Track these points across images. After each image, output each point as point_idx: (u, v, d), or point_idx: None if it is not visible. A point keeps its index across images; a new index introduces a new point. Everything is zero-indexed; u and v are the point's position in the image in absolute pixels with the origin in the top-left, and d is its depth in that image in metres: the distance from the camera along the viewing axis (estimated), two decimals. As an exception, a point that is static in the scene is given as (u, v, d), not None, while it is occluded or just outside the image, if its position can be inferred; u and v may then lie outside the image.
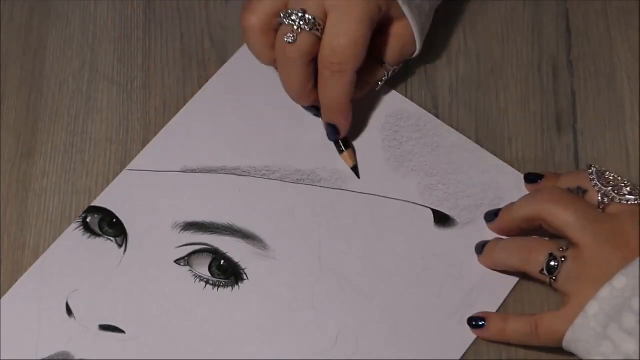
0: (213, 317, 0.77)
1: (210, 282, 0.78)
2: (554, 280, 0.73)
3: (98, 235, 0.80)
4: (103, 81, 0.86)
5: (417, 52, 0.83)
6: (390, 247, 0.80)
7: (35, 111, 0.85)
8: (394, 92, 0.85)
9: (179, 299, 0.78)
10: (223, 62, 0.87)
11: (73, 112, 0.85)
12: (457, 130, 0.84)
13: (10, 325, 0.77)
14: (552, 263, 0.73)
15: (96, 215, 0.81)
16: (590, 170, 0.76)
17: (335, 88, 0.79)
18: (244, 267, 0.79)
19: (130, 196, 0.81)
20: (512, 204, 0.78)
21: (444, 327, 0.78)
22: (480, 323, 0.77)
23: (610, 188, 0.75)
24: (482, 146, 0.84)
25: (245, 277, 0.79)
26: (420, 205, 0.81)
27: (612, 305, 0.69)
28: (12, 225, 0.81)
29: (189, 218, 0.80)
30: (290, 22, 0.77)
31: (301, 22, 0.77)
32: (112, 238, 0.80)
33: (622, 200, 0.74)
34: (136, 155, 0.83)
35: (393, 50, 0.82)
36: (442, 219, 0.81)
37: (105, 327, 0.77)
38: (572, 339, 0.72)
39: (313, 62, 0.79)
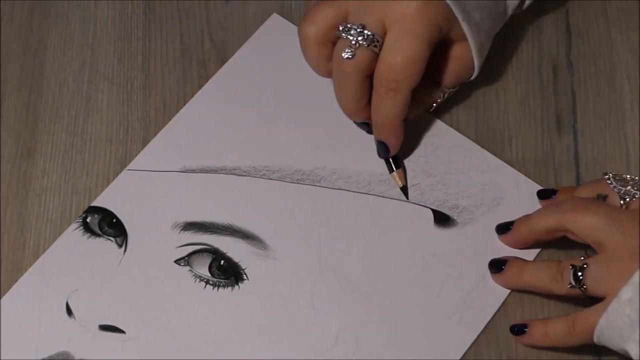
0: (213, 317, 0.77)
1: (210, 282, 0.78)
2: (585, 289, 0.73)
3: (98, 235, 0.80)
4: (103, 81, 0.86)
5: (475, 75, 0.83)
6: (390, 247, 0.80)
7: (35, 111, 0.85)
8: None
9: (179, 299, 0.78)
10: (223, 62, 0.87)
11: (73, 112, 0.85)
12: (457, 130, 0.84)
13: (10, 325, 0.77)
14: (578, 274, 0.73)
15: (96, 215, 0.81)
16: (608, 176, 0.76)
17: (389, 105, 0.78)
18: (244, 267, 0.79)
19: (130, 196, 0.81)
20: (527, 216, 0.78)
21: (444, 327, 0.77)
22: (525, 330, 0.76)
23: (629, 187, 0.75)
24: (482, 146, 0.84)
25: (245, 277, 0.79)
26: (420, 205, 0.81)
27: None
28: (12, 225, 0.81)
29: (189, 218, 0.80)
30: (349, 36, 0.77)
31: (359, 38, 0.77)
32: (112, 238, 0.80)
33: None
34: (136, 155, 0.83)
35: (451, 72, 0.82)
36: (442, 219, 0.81)
37: (105, 327, 0.77)
38: (606, 326, 0.71)
39: (369, 78, 0.79)
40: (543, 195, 0.81)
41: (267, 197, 0.81)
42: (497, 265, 0.78)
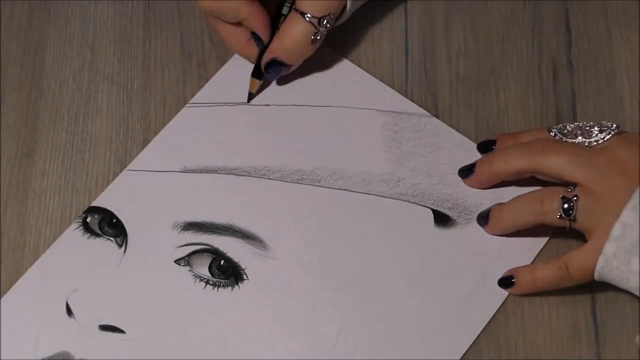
0: (213, 317, 0.77)
1: (210, 282, 0.78)
2: (573, 221, 0.74)
3: (98, 236, 0.80)
4: (103, 81, 0.86)
5: (344, 18, 0.84)
6: (390, 247, 0.80)
7: (35, 111, 0.85)
8: (393, 92, 0.86)
9: (179, 299, 0.78)
10: (223, 62, 0.87)
11: (73, 112, 0.85)
12: (457, 130, 0.84)
13: (10, 325, 0.77)
14: (566, 205, 0.74)
15: (96, 216, 0.81)
16: (553, 132, 0.78)
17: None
18: (244, 267, 0.79)
19: (130, 196, 0.81)
20: (490, 158, 0.80)
21: (444, 327, 0.77)
22: (512, 280, 0.78)
23: (579, 138, 0.76)
24: (482, 146, 0.84)
25: (245, 277, 0.79)
26: (420, 205, 0.81)
27: (629, 241, 0.72)
28: (12, 225, 0.81)
29: (189, 218, 0.80)
30: None
31: None
32: (112, 238, 0.80)
33: (599, 140, 0.76)
34: (136, 155, 0.83)
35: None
36: (442, 219, 0.81)
37: (105, 327, 0.77)
38: (603, 274, 0.74)
39: None
40: (483, 147, 0.82)
41: (267, 197, 0.81)
42: (483, 217, 0.80)
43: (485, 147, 0.82)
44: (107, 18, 0.89)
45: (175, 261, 0.79)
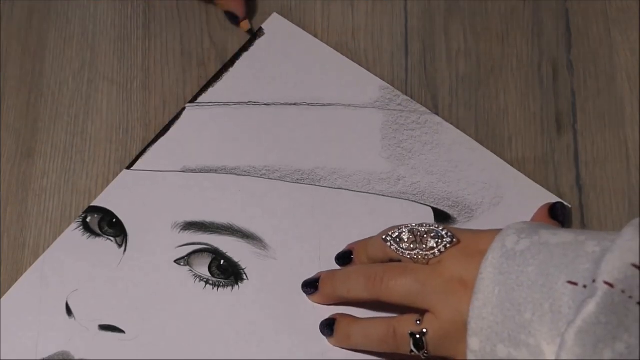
0: (213, 317, 0.77)
1: (210, 282, 0.78)
2: (426, 354, 0.72)
3: (98, 235, 0.80)
4: (103, 81, 0.86)
5: None
6: (390, 246, 0.80)
7: (35, 111, 0.85)
8: (394, 91, 0.86)
9: (179, 298, 0.78)
10: (223, 62, 0.87)
11: (73, 112, 0.85)
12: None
13: (10, 325, 0.77)
14: (415, 342, 0.72)
15: (96, 215, 0.81)
16: (388, 243, 0.75)
17: None
18: (243, 267, 0.79)
19: (130, 196, 0.81)
20: (333, 278, 0.77)
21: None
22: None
23: (417, 250, 0.73)
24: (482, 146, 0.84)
25: (245, 277, 0.79)
26: (420, 203, 0.81)
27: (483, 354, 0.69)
28: (12, 225, 0.81)
29: (188, 218, 0.80)
30: None
31: None
32: (111, 238, 0.80)
33: (434, 253, 0.73)
34: (136, 155, 0.83)
35: None
36: (442, 217, 0.81)
37: (105, 327, 0.77)
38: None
39: None
40: (341, 259, 0.79)
41: (267, 197, 0.81)
42: (327, 326, 0.77)
43: (344, 259, 0.79)
44: (107, 18, 0.89)
45: (175, 261, 0.79)
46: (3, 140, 0.84)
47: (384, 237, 0.75)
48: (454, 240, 0.73)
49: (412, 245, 0.74)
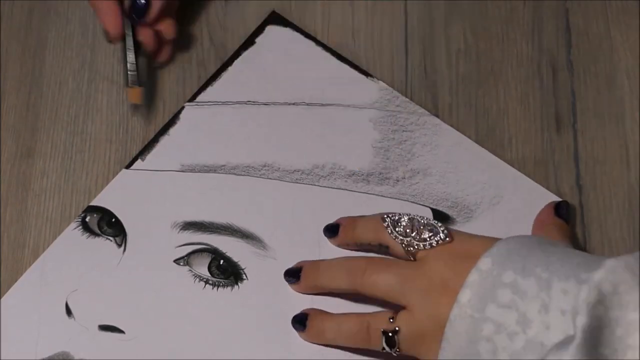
0: (213, 317, 0.77)
1: (210, 281, 0.78)
2: (398, 351, 0.72)
3: (97, 235, 0.80)
4: (103, 81, 0.86)
5: None
6: (389, 246, 0.80)
7: (35, 111, 0.85)
8: (393, 92, 0.86)
9: (179, 298, 0.78)
10: (222, 61, 0.87)
11: (73, 112, 0.85)
12: (457, 130, 0.84)
13: (10, 325, 0.77)
14: (387, 339, 0.72)
15: (95, 215, 0.81)
16: (386, 223, 0.75)
17: None
18: (243, 267, 0.79)
19: (129, 196, 0.81)
20: (315, 267, 0.77)
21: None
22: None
23: (410, 238, 0.73)
24: (481, 146, 0.84)
25: (244, 277, 0.79)
26: (419, 204, 0.81)
27: (484, 287, 0.68)
28: (12, 225, 0.81)
29: (188, 217, 0.80)
30: None
31: None
32: (111, 237, 0.80)
33: (425, 245, 0.73)
34: (136, 155, 0.83)
35: None
36: (441, 218, 0.81)
37: (105, 327, 0.77)
38: (451, 337, 0.69)
39: None
40: (329, 230, 0.79)
41: (267, 197, 0.81)
42: (300, 321, 0.77)
43: (331, 232, 0.79)
44: (107, 18, 0.89)
45: (175, 261, 0.79)
46: (3, 140, 0.84)
47: (383, 216, 0.75)
48: (447, 238, 0.73)
49: (406, 231, 0.74)
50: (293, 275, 0.78)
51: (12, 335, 0.77)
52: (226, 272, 0.79)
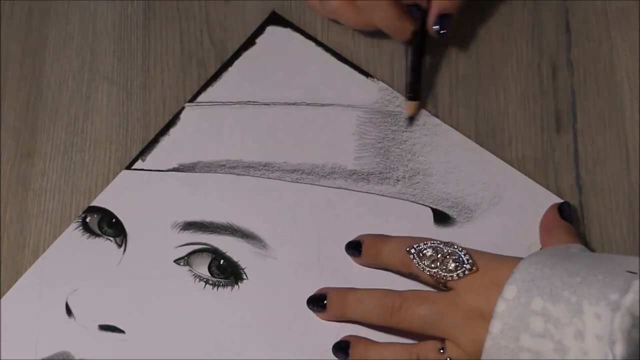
0: (213, 316, 0.77)
1: (210, 281, 0.78)
2: None
3: (97, 235, 0.80)
4: (103, 81, 0.86)
5: None
6: (390, 246, 0.80)
7: (35, 111, 0.85)
8: (394, 92, 0.86)
9: (179, 298, 0.78)
10: (222, 61, 0.87)
11: (73, 112, 0.85)
12: (457, 130, 0.84)
13: (10, 325, 0.77)
14: None
15: (95, 215, 0.81)
16: (412, 255, 0.74)
17: None
18: (243, 267, 0.79)
19: (129, 196, 0.81)
20: (342, 295, 0.76)
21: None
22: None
23: (437, 269, 0.73)
24: (481, 146, 0.84)
25: (244, 277, 0.79)
26: (419, 204, 0.81)
27: (514, 317, 0.68)
28: (12, 225, 0.81)
29: (188, 217, 0.80)
30: None
31: None
32: (111, 238, 0.80)
33: (454, 276, 0.73)
34: (136, 155, 0.83)
35: None
36: (441, 218, 0.81)
37: (105, 327, 0.77)
38: None
39: None
40: (352, 248, 0.79)
41: (267, 197, 0.81)
42: (341, 349, 0.76)
43: (354, 249, 0.79)
44: (107, 18, 0.89)
45: (175, 261, 0.79)
46: (3, 140, 0.84)
47: (407, 248, 0.75)
48: (473, 268, 0.72)
49: (433, 264, 0.74)
50: (317, 303, 0.77)
51: (12, 335, 0.77)
52: (226, 272, 0.79)
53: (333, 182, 0.82)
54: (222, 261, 0.79)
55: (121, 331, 0.77)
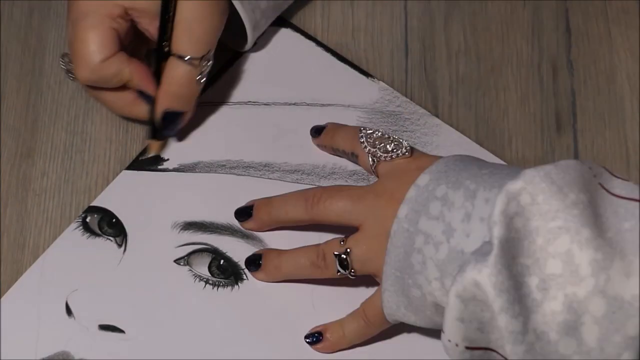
0: (213, 317, 0.77)
1: (210, 281, 0.78)
2: (353, 272, 0.74)
3: (98, 235, 0.80)
4: (103, 81, 0.86)
5: (248, 46, 0.85)
6: (390, 246, 0.80)
7: (35, 111, 0.85)
8: (394, 92, 0.86)
9: (179, 298, 0.78)
10: (222, 62, 0.86)
11: (73, 112, 0.85)
12: (457, 130, 0.84)
13: (10, 325, 0.77)
14: (340, 262, 0.73)
15: (96, 215, 0.81)
16: (360, 135, 0.77)
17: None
18: (243, 267, 0.79)
19: (129, 196, 0.81)
20: (269, 202, 0.78)
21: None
22: (320, 337, 0.76)
23: (376, 149, 0.76)
24: (481, 146, 0.84)
25: (245, 277, 0.79)
26: (419, 204, 0.81)
27: (419, 202, 0.69)
28: (12, 225, 0.81)
29: (188, 217, 0.80)
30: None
31: None
32: (111, 238, 0.80)
33: (387, 157, 0.75)
34: (136, 154, 0.83)
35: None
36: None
37: (105, 327, 0.77)
38: (391, 251, 0.70)
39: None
40: (316, 131, 0.83)
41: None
42: (253, 262, 0.78)
43: (318, 131, 0.82)
44: (107, 18, 0.88)
45: (175, 261, 0.79)
46: (3, 140, 0.84)
47: (361, 128, 0.77)
48: (407, 153, 0.75)
49: (375, 143, 0.76)
50: (244, 213, 0.79)
51: (12, 335, 0.77)
52: (226, 272, 0.79)
53: (333, 182, 0.82)
54: (222, 261, 0.79)
55: (121, 331, 0.77)
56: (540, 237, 0.63)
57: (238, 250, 0.79)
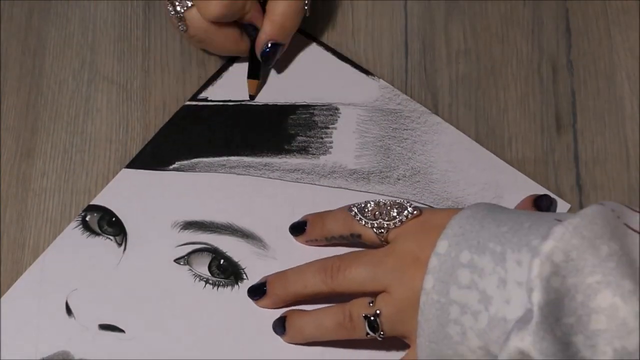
0: (213, 316, 0.77)
1: (210, 281, 0.78)
2: (382, 334, 0.72)
3: (97, 234, 0.80)
4: (102, 81, 0.86)
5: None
6: (390, 246, 0.80)
7: (35, 111, 0.85)
8: (394, 90, 0.86)
9: (179, 298, 0.78)
10: (222, 61, 0.87)
11: (73, 112, 0.85)
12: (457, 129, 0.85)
13: (10, 324, 0.77)
14: (370, 324, 0.72)
15: (95, 214, 0.81)
16: (353, 212, 0.75)
17: None
18: (243, 267, 0.79)
19: (129, 195, 0.81)
20: (283, 276, 0.77)
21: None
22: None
23: (379, 220, 0.74)
24: (481, 146, 0.84)
25: (245, 277, 0.79)
26: (419, 203, 0.81)
27: (444, 271, 0.68)
28: (12, 225, 0.81)
29: (188, 217, 0.80)
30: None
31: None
32: (111, 237, 0.80)
33: (396, 222, 0.73)
34: (136, 154, 0.83)
35: None
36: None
37: (105, 327, 0.77)
38: (423, 323, 0.69)
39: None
40: (295, 232, 0.80)
41: (267, 196, 0.81)
42: (279, 325, 0.77)
43: (297, 229, 0.79)
44: (107, 18, 0.89)
45: (175, 260, 0.79)
46: (3, 140, 0.84)
47: (350, 206, 0.75)
48: (415, 212, 0.73)
49: (375, 215, 0.74)
50: (257, 291, 0.77)
51: (12, 335, 0.77)
52: (226, 271, 0.79)
53: (333, 181, 0.82)
54: (222, 261, 0.79)
55: (121, 331, 0.77)
56: (579, 293, 0.62)
57: (238, 250, 0.79)
